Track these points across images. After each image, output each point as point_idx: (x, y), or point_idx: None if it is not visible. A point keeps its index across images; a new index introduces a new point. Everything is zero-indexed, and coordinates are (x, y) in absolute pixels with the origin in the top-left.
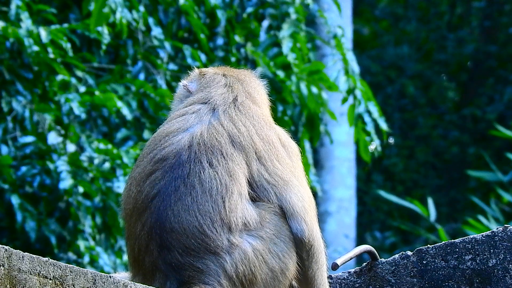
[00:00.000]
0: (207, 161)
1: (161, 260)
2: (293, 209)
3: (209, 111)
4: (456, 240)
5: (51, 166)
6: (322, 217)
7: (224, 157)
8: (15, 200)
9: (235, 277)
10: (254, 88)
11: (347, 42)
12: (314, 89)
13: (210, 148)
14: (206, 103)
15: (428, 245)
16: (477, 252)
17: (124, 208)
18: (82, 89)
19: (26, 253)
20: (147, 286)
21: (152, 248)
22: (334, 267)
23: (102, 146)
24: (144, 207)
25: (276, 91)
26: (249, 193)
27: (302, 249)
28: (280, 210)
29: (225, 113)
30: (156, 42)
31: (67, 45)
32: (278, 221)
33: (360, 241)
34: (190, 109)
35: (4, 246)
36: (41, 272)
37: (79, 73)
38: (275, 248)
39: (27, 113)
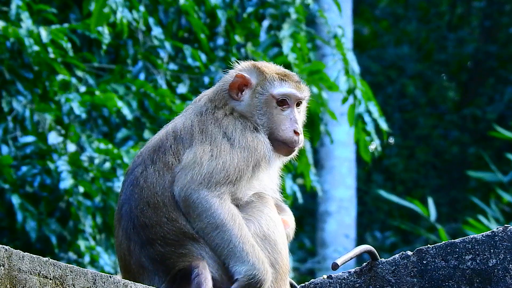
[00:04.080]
0: (150, 160)
1: (144, 257)
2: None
3: (185, 111)
4: (456, 240)
5: (51, 166)
6: (322, 217)
7: (164, 152)
8: (15, 200)
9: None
10: (219, 84)
11: (347, 42)
12: (314, 89)
13: (156, 148)
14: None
15: (428, 245)
16: (477, 252)
17: (115, 215)
18: (83, 89)
19: (26, 253)
20: (147, 286)
21: (133, 248)
22: (334, 267)
23: (102, 146)
24: (120, 215)
25: None
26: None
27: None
28: None
29: (186, 110)
30: (156, 42)
31: (68, 45)
32: None
33: (360, 241)
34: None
35: (4, 246)
36: (41, 272)
37: (80, 73)
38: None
39: (27, 113)
